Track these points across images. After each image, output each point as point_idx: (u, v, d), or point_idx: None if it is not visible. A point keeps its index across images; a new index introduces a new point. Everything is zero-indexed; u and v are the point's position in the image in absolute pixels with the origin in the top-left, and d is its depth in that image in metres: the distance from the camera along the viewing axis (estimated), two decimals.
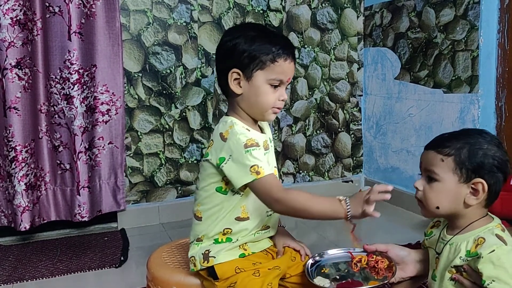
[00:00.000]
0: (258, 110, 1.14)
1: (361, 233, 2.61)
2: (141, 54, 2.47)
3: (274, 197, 1.05)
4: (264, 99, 1.12)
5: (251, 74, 1.10)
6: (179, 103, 2.56)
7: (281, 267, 1.14)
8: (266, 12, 2.69)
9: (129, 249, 2.20)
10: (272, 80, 1.11)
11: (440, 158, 0.99)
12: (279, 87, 1.13)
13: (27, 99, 2.21)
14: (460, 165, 0.98)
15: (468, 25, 2.21)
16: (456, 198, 0.99)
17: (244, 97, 1.13)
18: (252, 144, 1.07)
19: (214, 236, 1.14)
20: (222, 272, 1.10)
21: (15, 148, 2.18)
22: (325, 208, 1.06)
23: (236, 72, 1.11)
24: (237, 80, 1.12)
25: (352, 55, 2.93)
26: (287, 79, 1.13)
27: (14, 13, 2.13)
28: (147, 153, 2.54)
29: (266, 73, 1.10)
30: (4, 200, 2.27)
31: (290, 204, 1.05)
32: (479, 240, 0.96)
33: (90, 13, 2.24)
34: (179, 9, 2.51)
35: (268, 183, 1.06)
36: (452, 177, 0.99)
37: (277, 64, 1.10)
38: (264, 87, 1.11)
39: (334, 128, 2.95)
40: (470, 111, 2.23)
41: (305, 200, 1.05)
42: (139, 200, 2.55)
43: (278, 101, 1.13)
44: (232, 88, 1.12)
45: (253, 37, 1.11)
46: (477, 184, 0.98)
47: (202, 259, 1.12)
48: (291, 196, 1.06)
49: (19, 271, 1.98)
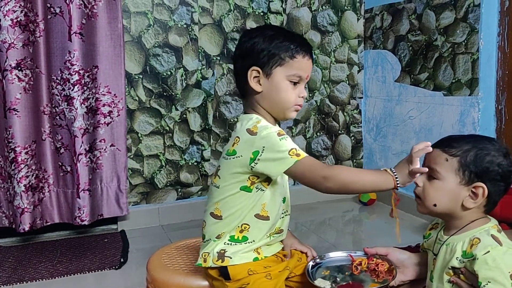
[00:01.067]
0: (280, 108, 1.14)
1: (362, 235, 2.61)
2: (141, 56, 2.47)
3: (322, 174, 1.04)
4: (285, 96, 1.13)
5: (270, 71, 1.12)
6: (180, 105, 2.57)
7: (290, 267, 1.17)
8: (266, 14, 2.69)
9: (129, 250, 2.20)
10: (292, 76, 1.12)
11: (445, 158, 1.00)
12: (299, 84, 1.14)
13: (27, 100, 2.21)
14: (464, 167, 0.98)
15: (468, 28, 2.21)
16: (454, 199, 1.00)
17: (264, 95, 1.13)
18: (283, 133, 1.09)
19: (231, 232, 1.14)
20: (235, 273, 1.11)
21: (14, 149, 2.18)
22: (376, 178, 1.05)
23: (255, 70, 1.12)
24: (257, 78, 1.13)
25: (352, 57, 2.93)
26: (306, 76, 1.15)
27: (15, 14, 2.13)
28: (147, 154, 2.54)
29: (286, 69, 1.12)
30: (5, 200, 2.27)
31: (341, 178, 1.03)
32: (474, 241, 0.97)
33: (91, 13, 2.24)
34: (180, 11, 2.52)
35: (311, 163, 1.06)
36: (454, 178, 0.99)
37: (296, 60, 1.12)
38: (284, 83, 1.12)
39: (334, 131, 2.95)
40: (470, 114, 2.23)
41: (354, 173, 1.08)
42: (139, 202, 2.55)
43: (298, 98, 1.14)
44: (252, 86, 1.13)
45: (271, 36, 1.12)
46: (478, 188, 0.98)
47: (216, 258, 1.12)
48: (338, 170, 1.05)
49: (19, 272, 1.97)
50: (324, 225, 2.56)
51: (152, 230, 2.49)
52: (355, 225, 2.66)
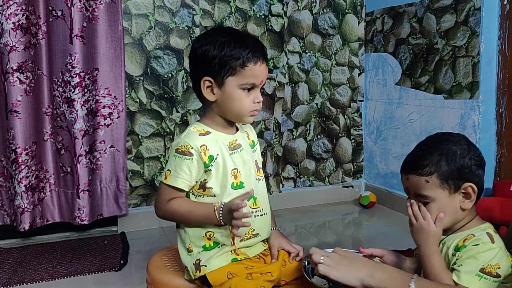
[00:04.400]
0: (234, 115, 1.15)
1: (362, 238, 2.61)
2: (142, 58, 2.48)
3: (156, 204, 1.16)
4: (239, 104, 1.12)
5: (222, 81, 1.11)
6: (180, 107, 2.57)
7: (274, 274, 1.13)
8: (267, 17, 2.70)
9: (129, 252, 2.20)
10: (244, 84, 1.11)
11: (424, 180, 1.02)
12: (253, 90, 1.13)
13: (28, 102, 2.22)
14: (445, 178, 1.00)
15: (469, 31, 2.22)
16: (453, 209, 1.02)
17: (218, 104, 1.14)
18: (183, 152, 1.11)
19: (201, 243, 1.14)
20: (214, 279, 1.10)
21: (15, 150, 2.19)
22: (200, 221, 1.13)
23: (208, 79, 1.12)
24: (210, 87, 1.12)
25: (353, 60, 2.94)
26: (260, 82, 1.14)
27: (17, 17, 2.14)
28: (148, 156, 2.54)
29: (237, 78, 1.10)
30: (7, 199, 2.28)
31: (167, 215, 1.16)
32: (468, 236, 1.00)
33: (92, 16, 2.24)
34: (181, 13, 2.52)
35: (162, 190, 1.15)
36: (442, 193, 1.01)
37: (247, 68, 1.10)
38: (237, 92, 1.11)
39: (334, 133, 2.96)
40: (471, 117, 2.23)
41: (181, 213, 1.14)
42: (139, 204, 2.55)
43: (253, 104, 1.14)
44: (206, 96, 1.13)
45: (221, 42, 1.10)
46: (467, 188, 1.00)
47: (194, 269, 1.12)
48: (169, 208, 1.13)
49: (19, 273, 1.98)
50: (324, 227, 2.56)
51: (152, 232, 2.48)
52: (355, 228, 2.66)
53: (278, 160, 2.82)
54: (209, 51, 1.10)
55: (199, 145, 1.11)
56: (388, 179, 2.82)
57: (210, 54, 1.10)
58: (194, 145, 1.11)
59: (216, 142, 1.14)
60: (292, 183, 2.88)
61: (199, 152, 1.10)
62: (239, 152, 1.16)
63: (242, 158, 1.16)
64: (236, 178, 1.14)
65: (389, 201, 2.79)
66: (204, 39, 1.14)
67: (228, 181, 1.13)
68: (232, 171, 1.13)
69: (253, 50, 1.11)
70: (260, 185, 1.20)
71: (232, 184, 1.13)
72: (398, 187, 2.73)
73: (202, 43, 1.13)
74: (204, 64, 1.11)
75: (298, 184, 2.89)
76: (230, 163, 1.14)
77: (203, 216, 1.11)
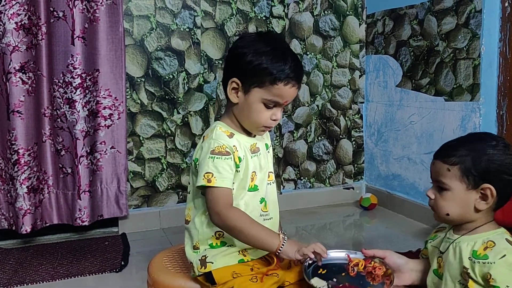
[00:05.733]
0: (248, 124, 1.15)
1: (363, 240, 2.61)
2: (144, 59, 2.48)
3: (217, 210, 1.07)
4: (255, 117, 1.12)
5: (249, 89, 1.10)
6: (182, 108, 2.57)
7: (279, 274, 1.13)
8: (269, 18, 2.70)
9: (129, 253, 2.20)
10: (268, 100, 1.10)
11: (446, 168, 1.01)
12: (274, 108, 1.12)
13: (30, 103, 2.22)
14: (466, 173, 0.99)
15: (469, 33, 2.22)
16: (465, 205, 1.01)
17: (238, 107, 1.14)
18: (219, 152, 1.09)
19: (208, 241, 1.14)
20: (219, 277, 1.10)
21: (17, 151, 2.19)
22: (263, 237, 1.07)
23: (236, 81, 1.11)
24: (236, 89, 1.12)
25: (354, 62, 2.94)
26: (284, 102, 1.12)
27: (19, 17, 2.14)
28: (149, 158, 2.54)
29: (263, 92, 1.09)
30: (5, 203, 2.27)
31: (230, 224, 1.07)
32: (488, 243, 0.97)
33: (93, 18, 2.25)
34: (183, 15, 2.53)
35: (216, 194, 1.08)
36: (460, 185, 1.00)
37: (276, 87, 1.08)
38: (258, 105, 1.11)
39: (335, 135, 2.96)
40: (472, 119, 2.23)
41: (246, 224, 1.07)
42: (140, 205, 2.55)
43: (269, 120, 1.13)
44: (229, 96, 1.13)
45: (262, 52, 1.09)
46: (485, 189, 0.99)
47: (199, 265, 1.12)
48: (234, 215, 1.07)
49: (19, 274, 1.98)
50: (325, 229, 2.56)
51: (153, 233, 2.49)
52: (356, 230, 2.66)
53: (279, 162, 2.82)
54: (247, 55, 1.09)
55: (232, 145, 1.11)
56: (389, 181, 2.82)
57: (246, 59, 1.09)
58: (228, 145, 1.11)
59: (240, 144, 1.14)
60: (292, 185, 2.88)
61: (233, 152, 1.11)
62: (258, 156, 1.18)
63: (260, 162, 1.18)
64: (252, 180, 1.15)
65: (390, 203, 2.79)
66: (247, 41, 1.13)
67: (247, 183, 1.14)
68: (251, 173, 1.15)
69: (289, 70, 1.08)
70: (270, 188, 1.22)
71: (249, 186, 1.14)
72: (399, 189, 2.73)
73: (244, 44, 1.12)
74: (237, 66, 1.11)
75: (298, 186, 2.89)
76: (252, 166, 1.15)
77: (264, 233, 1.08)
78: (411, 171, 2.64)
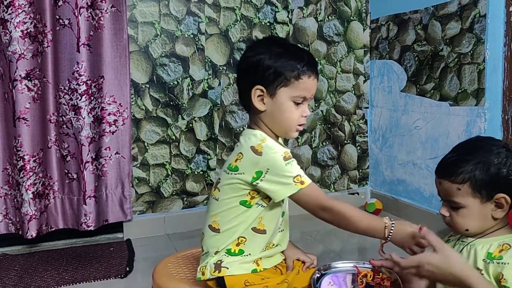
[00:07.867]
0: (282, 128, 1.15)
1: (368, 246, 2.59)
2: (148, 65, 2.49)
3: (323, 205, 1.09)
4: (288, 116, 1.12)
5: (275, 91, 1.11)
6: (186, 114, 2.58)
7: (289, 280, 1.15)
8: (273, 24, 2.71)
9: (134, 259, 2.20)
10: (296, 97, 1.11)
11: (456, 188, 1.00)
12: (302, 104, 1.13)
13: (36, 109, 2.24)
14: (478, 189, 0.99)
15: (474, 38, 2.22)
16: (483, 217, 1.01)
17: (267, 114, 1.13)
18: (289, 157, 1.10)
19: (227, 246, 1.14)
20: (231, 284, 1.10)
21: (23, 157, 2.20)
22: (371, 223, 1.08)
23: (259, 88, 1.11)
24: (261, 96, 1.12)
25: (358, 67, 2.94)
26: (310, 96, 1.14)
27: (25, 25, 2.16)
28: (154, 163, 2.55)
29: (290, 90, 1.11)
30: (13, 207, 2.29)
31: (338, 213, 1.08)
32: (504, 246, 0.97)
33: (98, 25, 2.27)
34: (187, 21, 2.54)
35: (314, 192, 1.10)
36: (474, 201, 1.00)
37: (301, 81, 1.10)
38: (288, 104, 1.12)
39: (340, 140, 2.95)
40: (477, 124, 2.22)
41: (353, 211, 1.09)
42: (145, 211, 2.55)
43: (301, 118, 1.14)
44: (256, 105, 1.12)
45: (277, 53, 1.10)
46: (500, 199, 0.99)
47: (213, 269, 1.12)
48: (338, 205, 1.09)
49: (25, 280, 1.98)
50: (330, 235, 2.55)
51: (157, 239, 2.49)
52: (361, 235, 2.64)
53: None
54: (264, 60, 1.10)
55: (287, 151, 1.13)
56: (394, 186, 2.81)
57: (265, 64, 1.10)
58: (287, 150, 1.13)
59: None
60: None
61: None
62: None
63: None
64: None
65: (395, 208, 2.78)
66: (258, 48, 1.14)
67: None
68: None
69: (308, 63, 1.12)
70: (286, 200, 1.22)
71: None
72: (404, 194, 2.72)
73: (256, 52, 1.13)
74: (257, 73, 1.11)
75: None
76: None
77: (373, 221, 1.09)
78: (416, 176, 2.63)
